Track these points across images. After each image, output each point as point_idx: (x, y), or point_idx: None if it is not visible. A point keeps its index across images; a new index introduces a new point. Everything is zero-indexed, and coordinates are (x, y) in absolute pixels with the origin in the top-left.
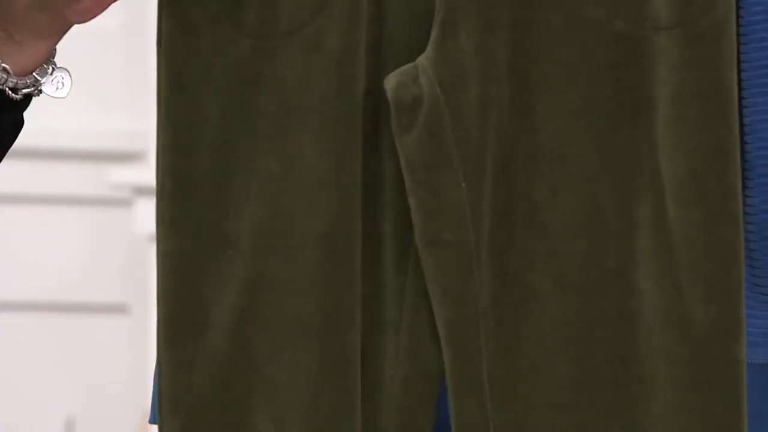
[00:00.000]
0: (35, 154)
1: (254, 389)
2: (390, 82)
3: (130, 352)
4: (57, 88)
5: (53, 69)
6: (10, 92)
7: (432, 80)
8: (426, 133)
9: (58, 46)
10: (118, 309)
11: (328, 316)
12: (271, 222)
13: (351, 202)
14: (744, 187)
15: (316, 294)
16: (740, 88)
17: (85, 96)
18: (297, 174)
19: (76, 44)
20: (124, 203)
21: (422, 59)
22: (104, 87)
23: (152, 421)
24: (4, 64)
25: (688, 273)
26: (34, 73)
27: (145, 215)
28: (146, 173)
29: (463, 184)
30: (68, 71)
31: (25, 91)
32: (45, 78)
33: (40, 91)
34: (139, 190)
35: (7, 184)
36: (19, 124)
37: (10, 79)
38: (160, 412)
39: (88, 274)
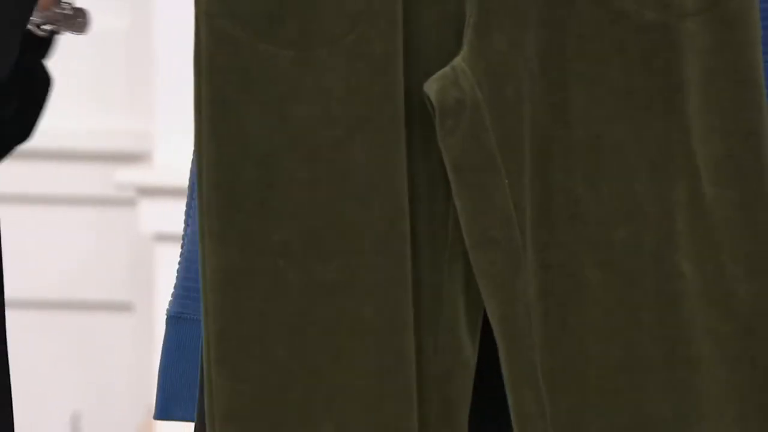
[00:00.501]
0: (40, 155)
1: (314, 396)
2: (432, 86)
3: (134, 350)
4: (75, 27)
5: (71, 6)
6: (34, 28)
7: (471, 82)
8: (470, 135)
9: (62, 46)
10: (122, 307)
11: (385, 318)
12: (325, 229)
13: (402, 205)
14: None
15: (374, 297)
16: None
17: (90, 97)
18: (348, 181)
19: (81, 46)
20: (128, 203)
21: (459, 61)
22: (109, 88)
23: (157, 417)
24: None
25: (728, 253)
26: (55, 9)
27: (149, 215)
28: (150, 174)
29: (506, 182)
30: (86, 11)
31: (46, 27)
32: (66, 13)
33: (62, 30)
34: (143, 191)
35: (13, 184)
36: (47, 79)
37: (34, 14)
38: (210, 421)
39: (92, 273)
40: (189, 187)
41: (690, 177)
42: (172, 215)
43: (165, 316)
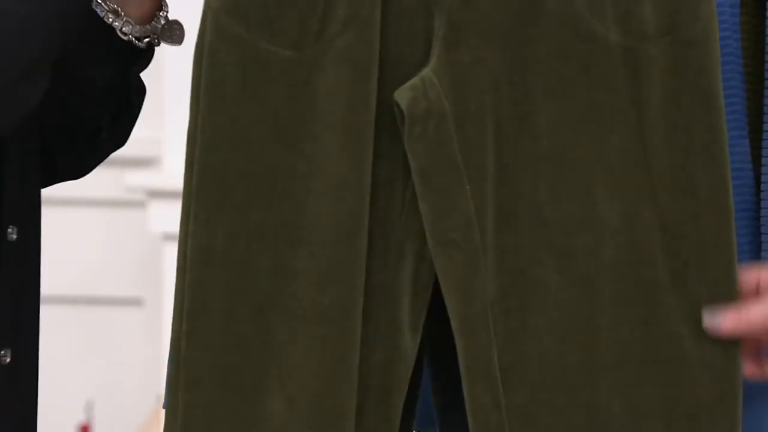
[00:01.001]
0: None
1: (270, 372)
2: (403, 96)
3: (144, 342)
4: (172, 38)
5: (166, 20)
6: (135, 40)
7: (439, 92)
8: (435, 142)
9: None
10: (133, 302)
11: (340, 307)
12: (296, 219)
13: (365, 202)
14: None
15: (333, 287)
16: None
17: None
18: (323, 175)
19: None
20: (138, 205)
21: (427, 72)
22: None
23: (165, 406)
24: (126, 17)
25: (683, 260)
26: (152, 22)
27: (158, 216)
28: (159, 177)
29: (468, 187)
30: (180, 22)
31: (146, 40)
32: (161, 26)
33: (159, 41)
34: (153, 193)
35: None
36: (142, 87)
37: (134, 28)
38: (173, 389)
39: (105, 270)
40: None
41: (647, 189)
42: (180, 216)
43: (172, 310)
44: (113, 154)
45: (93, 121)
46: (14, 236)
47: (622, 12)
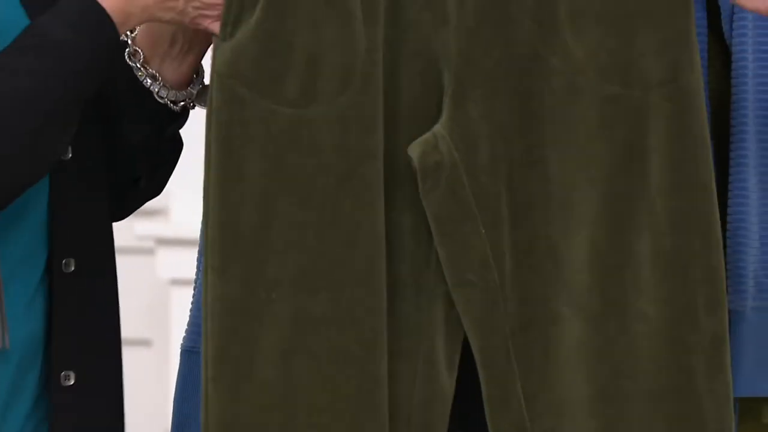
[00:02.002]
0: None
1: (298, 415)
2: (415, 150)
3: (152, 381)
4: (206, 102)
5: (202, 85)
6: (171, 104)
7: (449, 146)
8: (448, 191)
9: None
10: (142, 343)
11: (365, 347)
12: (311, 267)
13: (381, 248)
14: None
15: (355, 328)
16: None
17: None
18: (336, 226)
19: None
20: (148, 252)
21: (438, 128)
22: None
23: None
24: (163, 81)
25: (687, 297)
26: (189, 88)
27: (166, 262)
28: (168, 227)
29: (483, 230)
30: None
31: (182, 103)
32: (196, 91)
33: (194, 105)
34: (161, 241)
35: None
36: (179, 142)
37: (170, 92)
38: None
39: None
40: (201, 238)
41: (652, 229)
42: (186, 263)
43: (179, 351)
44: None
45: (130, 173)
46: (72, 268)
47: (624, 64)
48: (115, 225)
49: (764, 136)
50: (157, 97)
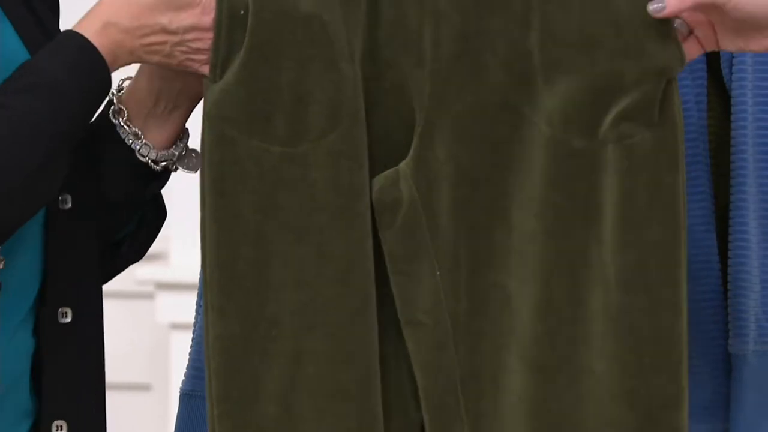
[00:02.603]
0: None
1: None
2: (375, 184)
3: (152, 425)
4: (188, 166)
5: (185, 147)
6: (152, 163)
7: (410, 184)
8: (404, 230)
9: None
10: (142, 387)
11: (361, 383)
12: (309, 303)
13: (371, 282)
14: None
15: (351, 364)
16: None
17: None
18: (329, 261)
19: None
20: (148, 296)
21: (403, 165)
22: None
23: None
24: (145, 140)
25: (636, 354)
26: (171, 149)
27: (166, 307)
28: (167, 271)
29: (438, 273)
30: (197, 151)
31: (163, 163)
32: (179, 153)
33: (176, 167)
34: (161, 286)
35: None
36: (161, 208)
37: (151, 151)
38: None
39: (117, 358)
40: (200, 282)
41: (604, 285)
42: (186, 307)
43: (179, 394)
44: None
45: (109, 235)
46: (68, 319)
47: (586, 119)
48: None
49: (764, 180)
50: (138, 155)
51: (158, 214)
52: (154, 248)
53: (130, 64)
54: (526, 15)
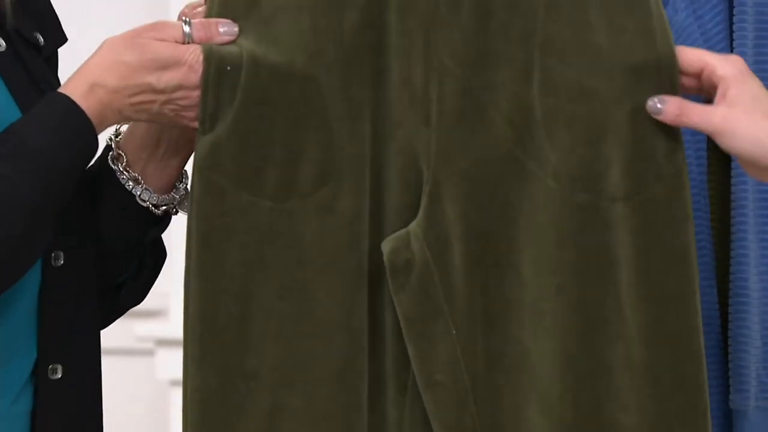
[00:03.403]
0: None
1: None
2: (386, 246)
3: None
4: (188, 209)
5: (186, 190)
6: (153, 208)
7: (422, 244)
8: (418, 291)
9: None
10: None
11: None
12: (288, 360)
13: (360, 343)
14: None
15: (329, 424)
16: None
17: None
18: (311, 318)
19: None
20: (148, 353)
21: (413, 225)
22: None
23: None
24: (145, 185)
25: (662, 406)
26: (172, 192)
27: (165, 364)
28: (167, 328)
29: (454, 332)
30: None
31: (164, 208)
32: (179, 197)
33: (177, 210)
34: (161, 342)
35: None
36: (161, 250)
37: (152, 196)
38: None
39: (116, 414)
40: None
41: (624, 339)
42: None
43: None
44: None
45: (109, 279)
46: (58, 375)
47: (592, 176)
48: (115, 327)
49: (764, 235)
50: (139, 200)
51: (158, 256)
52: (154, 304)
53: (118, 123)
54: (528, 68)
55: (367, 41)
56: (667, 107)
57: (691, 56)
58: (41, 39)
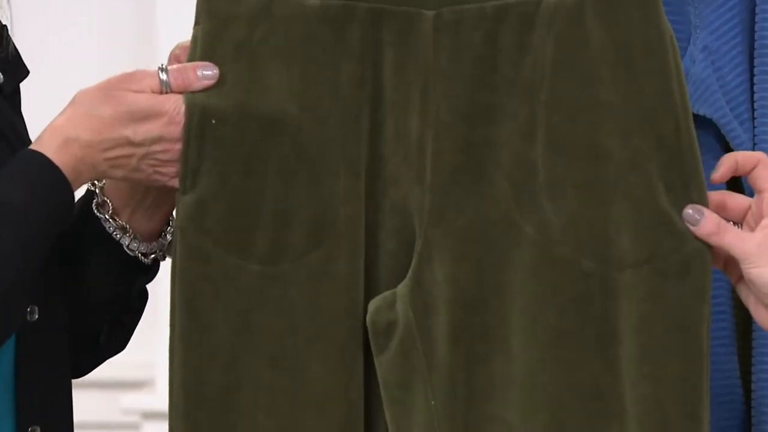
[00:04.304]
0: None
1: None
2: (370, 306)
3: None
4: None
5: (173, 236)
6: (141, 256)
7: (407, 306)
8: (399, 355)
9: None
10: None
11: None
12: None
13: (357, 412)
14: None
15: None
16: None
17: None
18: (305, 389)
19: None
20: (133, 427)
21: (401, 287)
22: None
23: None
24: (134, 234)
25: None
26: (160, 239)
27: None
28: (154, 399)
29: (433, 402)
30: None
31: (152, 256)
32: (167, 243)
33: (166, 257)
34: (147, 415)
35: None
36: (144, 294)
37: (141, 245)
38: None
39: None
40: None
41: (619, 419)
42: None
43: None
44: (109, 379)
45: (92, 328)
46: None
47: (599, 241)
48: (100, 399)
49: None
50: (127, 250)
51: (142, 301)
52: (139, 375)
53: (93, 180)
54: (532, 125)
55: (363, 93)
56: (705, 223)
57: (750, 157)
58: (0, 76)
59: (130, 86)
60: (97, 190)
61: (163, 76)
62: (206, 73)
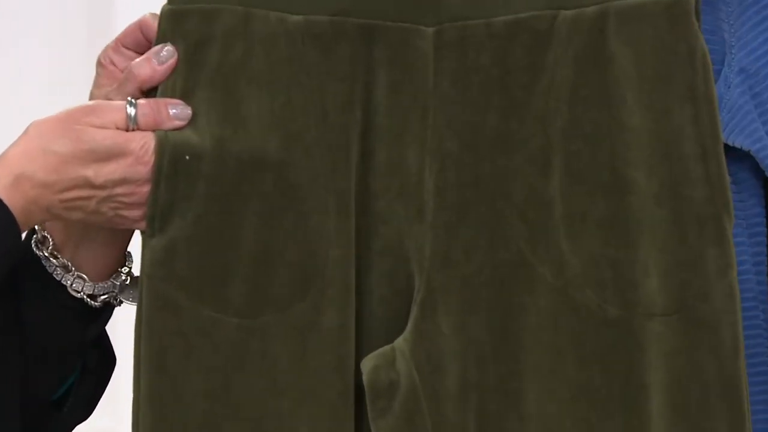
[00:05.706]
0: None
1: None
2: (366, 365)
3: None
4: (135, 297)
5: (129, 275)
6: (88, 299)
7: (409, 364)
8: (401, 419)
9: None
10: None
11: None
12: None
13: None
14: None
15: None
16: None
17: None
18: None
19: None
20: None
21: (400, 341)
22: None
23: None
24: (78, 272)
25: None
26: (111, 279)
27: None
28: None
29: None
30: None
31: (103, 297)
32: (121, 283)
33: (120, 301)
34: None
35: None
36: (109, 352)
37: (86, 285)
38: None
39: None
40: None
41: None
42: None
43: None
44: None
45: (45, 392)
46: None
47: (624, 285)
48: None
49: None
50: (71, 291)
51: (104, 359)
52: (106, 426)
53: (45, 221)
54: (546, 154)
55: (352, 120)
56: None
57: None
58: None
59: (93, 120)
60: (36, 225)
61: (131, 111)
62: (179, 111)
